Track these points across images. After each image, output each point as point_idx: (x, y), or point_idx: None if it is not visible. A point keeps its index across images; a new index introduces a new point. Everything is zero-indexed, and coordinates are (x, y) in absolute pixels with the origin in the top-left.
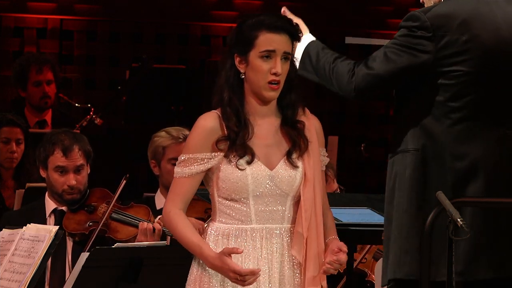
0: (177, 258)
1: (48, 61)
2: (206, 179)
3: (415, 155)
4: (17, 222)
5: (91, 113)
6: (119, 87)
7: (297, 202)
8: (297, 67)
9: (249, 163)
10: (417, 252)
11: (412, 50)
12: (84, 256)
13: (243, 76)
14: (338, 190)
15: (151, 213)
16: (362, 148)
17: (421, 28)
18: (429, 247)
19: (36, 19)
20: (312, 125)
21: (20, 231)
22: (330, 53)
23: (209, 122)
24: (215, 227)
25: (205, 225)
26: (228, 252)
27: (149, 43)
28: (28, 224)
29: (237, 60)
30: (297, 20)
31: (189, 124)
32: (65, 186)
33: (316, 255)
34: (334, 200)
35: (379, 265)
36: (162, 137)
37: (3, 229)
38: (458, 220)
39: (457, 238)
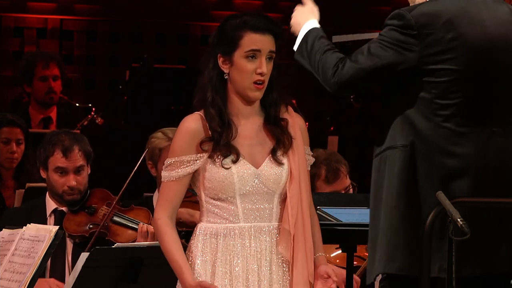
0: None
1: (55, 57)
2: (193, 179)
3: (403, 151)
4: (19, 219)
5: (92, 112)
6: (120, 87)
7: (284, 200)
8: (295, 50)
9: (234, 162)
10: (408, 247)
11: (397, 47)
12: (84, 256)
13: (226, 77)
14: (351, 187)
15: (151, 216)
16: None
17: (406, 26)
18: (429, 246)
19: (36, 19)
20: (295, 122)
21: (20, 231)
22: (325, 44)
23: (192, 124)
24: (203, 227)
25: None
26: (206, 286)
27: (149, 43)
28: (28, 224)
29: (220, 60)
30: (310, 3)
31: None
32: (65, 187)
33: (304, 251)
34: (334, 200)
35: None
36: (158, 139)
37: (3, 229)
38: (458, 220)
39: (457, 238)
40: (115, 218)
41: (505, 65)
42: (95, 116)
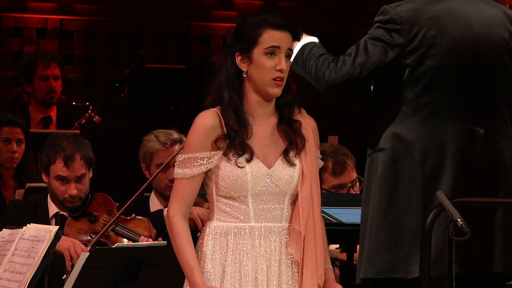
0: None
1: (56, 57)
2: (204, 177)
3: (386, 154)
4: (25, 211)
5: (90, 111)
6: (116, 84)
7: (294, 201)
8: (291, 61)
9: (248, 161)
10: (387, 251)
11: (383, 43)
12: (84, 256)
13: (245, 75)
14: (357, 181)
15: (151, 227)
16: None
17: (391, 21)
18: (429, 246)
19: (36, 19)
20: (308, 124)
21: (20, 231)
22: (320, 51)
23: (208, 120)
24: (213, 226)
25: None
26: None
27: (149, 43)
28: (28, 224)
29: (238, 58)
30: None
31: (189, 124)
32: (66, 195)
33: (314, 253)
34: (334, 200)
35: None
36: (150, 142)
37: (3, 229)
38: (458, 220)
39: (457, 238)
40: (116, 229)
41: (487, 65)
42: (92, 114)
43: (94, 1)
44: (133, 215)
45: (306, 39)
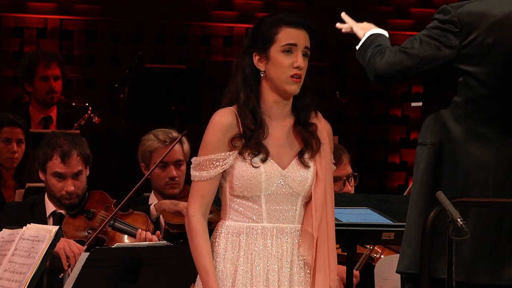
0: (177, 258)
1: (56, 57)
2: None
3: (431, 149)
4: (21, 213)
5: (89, 111)
6: (116, 85)
7: (307, 203)
8: (357, 48)
9: (263, 161)
10: (419, 246)
11: (437, 42)
12: (84, 256)
13: (262, 74)
14: (352, 176)
15: (149, 221)
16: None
17: (449, 22)
18: (429, 246)
19: (36, 19)
20: (323, 128)
21: (20, 231)
22: (383, 41)
23: (225, 118)
24: (225, 225)
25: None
26: None
27: (149, 43)
28: (28, 224)
29: (256, 58)
30: (362, 25)
31: (189, 124)
32: (63, 191)
33: (326, 255)
34: (334, 200)
35: (379, 265)
36: (149, 141)
37: (3, 229)
38: (458, 220)
39: (457, 238)
40: (114, 224)
41: None
42: (92, 115)
43: (94, 1)
44: (130, 210)
45: (375, 30)
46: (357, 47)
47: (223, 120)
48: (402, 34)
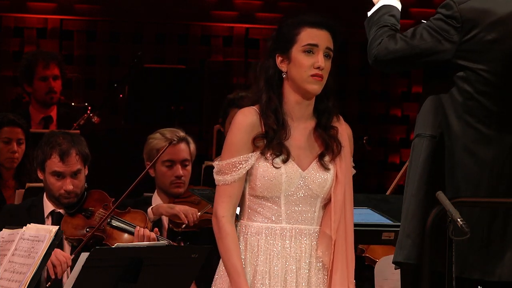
0: (177, 258)
1: (55, 57)
2: None
3: (431, 141)
4: (19, 216)
5: (88, 111)
6: (115, 85)
7: (326, 205)
8: (368, 15)
9: (284, 162)
10: (418, 237)
11: (439, 35)
12: (84, 256)
13: (284, 75)
14: None
15: (147, 219)
16: (364, 141)
17: (451, 17)
18: (428, 246)
19: (36, 19)
20: (344, 131)
21: (20, 231)
22: (390, 21)
23: (248, 118)
24: (244, 225)
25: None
26: None
27: (149, 43)
28: (28, 224)
29: (278, 60)
30: None
31: (189, 124)
32: (62, 190)
33: (345, 258)
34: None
35: (379, 265)
36: (156, 139)
37: (3, 229)
38: (458, 220)
39: (457, 238)
40: (112, 222)
41: None
42: (91, 115)
43: (94, 1)
44: (128, 208)
45: (390, 0)
46: (368, 14)
47: (247, 119)
48: None
